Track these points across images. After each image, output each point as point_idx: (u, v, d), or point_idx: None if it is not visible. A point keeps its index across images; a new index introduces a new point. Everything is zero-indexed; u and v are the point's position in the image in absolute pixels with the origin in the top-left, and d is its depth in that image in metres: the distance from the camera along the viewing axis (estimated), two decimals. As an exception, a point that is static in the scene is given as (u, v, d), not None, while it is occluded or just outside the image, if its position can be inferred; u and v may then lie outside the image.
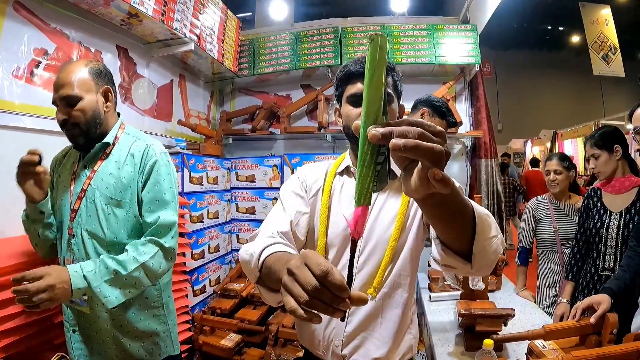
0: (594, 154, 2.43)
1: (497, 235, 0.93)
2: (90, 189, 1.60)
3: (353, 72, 1.32)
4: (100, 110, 1.62)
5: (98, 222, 1.59)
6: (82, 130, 1.59)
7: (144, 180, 1.61)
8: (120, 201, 1.59)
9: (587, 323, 1.71)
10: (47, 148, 1.99)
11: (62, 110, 1.57)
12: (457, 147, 3.97)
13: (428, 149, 0.56)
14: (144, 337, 1.69)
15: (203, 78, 4.11)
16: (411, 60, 3.67)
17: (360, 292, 0.69)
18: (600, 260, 2.35)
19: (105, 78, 1.66)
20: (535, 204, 3.06)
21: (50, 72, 2.30)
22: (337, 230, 1.35)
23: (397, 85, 1.35)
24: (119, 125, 1.70)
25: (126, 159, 1.62)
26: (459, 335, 2.03)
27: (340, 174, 1.43)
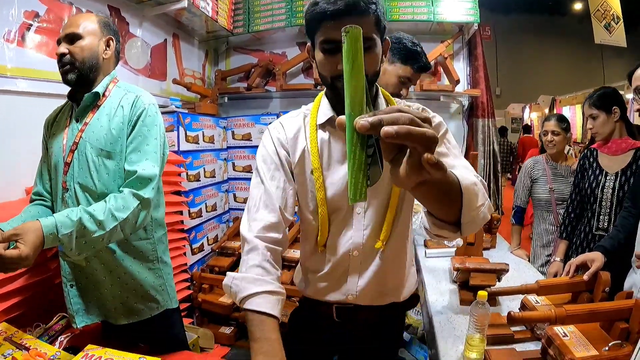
0: (592, 114, 2.43)
1: (484, 202, 0.94)
2: (82, 142, 1.58)
3: (325, 13, 1.07)
4: (99, 55, 1.63)
5: (89, 175, 1.57)
6: (76, 67, 1.59)
7: (130, 130, 1.59)
8: (110, 152, 1.57)
9: (580, 280, 1.73)
10: (41, 110, 1.98)
11: (63, 44, 1.59)
12: (454, 106, 3.96)
13: (421, 134, 0.54)
14: (141, 291, 1.70)
15: (197, 37, 4.04)
16: (409, 17, 3.60)
17: None
18: (594, 220, 2.38)
19: (111, 30, 1.69)
20: (532, 164, 3.06)
21: (41, 34, 2.26)
22: (336, 195, 1.27)
23: (380, 20, 1.13)
24: (111, 78, 1.69)
25: (116, 111, 1.60)
26: (453, 290, 2.06)
27: (322, 126, 1.28)
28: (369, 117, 0.55)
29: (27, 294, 1.76)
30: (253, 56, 4.28)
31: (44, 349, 1.40)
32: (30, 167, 2.07)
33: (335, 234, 1.31)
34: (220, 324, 3.27)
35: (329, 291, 1.37)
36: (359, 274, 1.33)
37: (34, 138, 1.99)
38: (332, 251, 1.32)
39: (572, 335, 1.39)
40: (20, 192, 2.12)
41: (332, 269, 1.34)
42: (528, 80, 14.65)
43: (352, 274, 1.33)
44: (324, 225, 1.29)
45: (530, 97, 12.92)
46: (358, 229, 1.29)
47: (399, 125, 0.53)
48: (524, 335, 1.62)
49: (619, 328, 1.36)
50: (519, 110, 13.85)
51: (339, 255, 1.31)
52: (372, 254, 1.32)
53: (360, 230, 1.29)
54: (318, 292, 1.40)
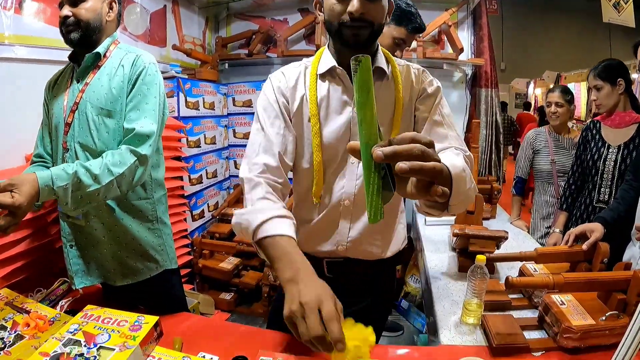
0: (597, 85, 2.39)
1: (471, 186, 0.98)
2: (83, 102, 1.58)
3: None
4: (102, 17, 1.63)
5: (89, 134, 1.57)
6: (80, 28, 1.57)
7: (130, 89, 1.58)
8: (110, 111, 1.57)
9: (578, 249, 1.73)
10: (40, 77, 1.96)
11: (67, 6, 1.57)
12: (457, 75, 3.91)
13: (431, 169, 0.61)
14: (140, 250, 1.71)
15: (197, 3, 3.98)
16: (413, -16, 3.52)
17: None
18: (595, 193, 2.38)
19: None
20: (534, 135, 3.04)
21: (39, 1, 2.23)
22: (332, 142, 1.28)
23: None
24: (112, 39, 1.68)
25: (117, 70, 1.60)
26: (452, 257, 2.08)
27: (322, 76, 1.30)
28: (385, 149, 0.61)
29: (28, 259, 1.76)
30: (254, 22, 4.21)
31: (45, 312, 1.41)
32: (30, 134, 2.05)
33: (328, 182, 1.32)
34: (220, 290, 3.30)
35: (320, 241, 1.39)
36: (350, 223, 1.36)
37: (33, 105, 1.98)
38: (325, 200, 1.34)
39: (570, 304, 1.40)
40: (20, 159, 2.12)
41: (324, 217, 1.36)
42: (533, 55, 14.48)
43: (343, 222, 1.35)
44: (319, 173, 1.30)
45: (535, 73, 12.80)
46: (351, 179, 1.31)
47: (411, 161, 0.60)
48: (522, 302, 1.64)
49: (617, 299, 1.37)
50: (524, 86, 13.74)
51: (331, 203, 1.33)
52: (363, 205, 1.31)
53: (352, 180, 1.31)
54: (309, 243, 1.41)
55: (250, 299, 3.29)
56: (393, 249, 1.46)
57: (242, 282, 3.15)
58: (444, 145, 1.19)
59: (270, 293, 3.12)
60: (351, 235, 1.36)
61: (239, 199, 3.72)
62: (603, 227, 1.81)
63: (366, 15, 1.15)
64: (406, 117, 1.32)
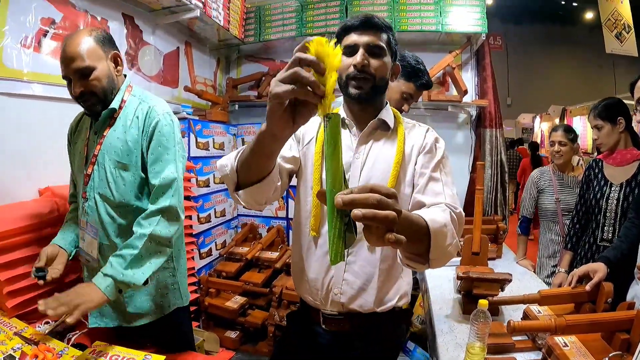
0: (597, 125, 2.43)
1: (452, 242, 1.03)
2: (101, 154, 1.64)
3: (349, 26, 1.34)
4: (113, 76, 1.65)
5: (107, 185, 1.64)
6: (99, 99, 1.61)
7: (148, 142, 1.64)
8: (126, 164, 1.63)
9: (582, 290, 1.73)
10: (55, 114, 2.05)
11: (78, 83, 1.57)
12: (462, 116, 3.97)
13: (383, 218, 0.66)
14: (153, 290, 1.74)
15: (209, 45, 4.10)
16: (417, 28, 3.64)
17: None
18: (599, 231, 2.37)
19: (110, 43, 1.66)
20: (538, 175, 3.07)
21: (57, 40, 2.32)
22: None
23: (391, 43, 1.37)
24: (125, 88, 1.71)
25: (132, 122, 1.65)
26: (457, 299, 2.08)
27: None
28: (344, 196, 0.66)
29: (39, 291, 1.79)
30: (264, 65, 4.34)
31: (53, 344, 1.44)
32: (42, 168, 2.18)
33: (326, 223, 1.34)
34: (225, 328, 3.30)
35: (316, 276, 1.40)
36: (345, 266, 1.37)
37: (48, 140, 2.11)
38: (322, 239, 1.38)
39: (573, 346, 1.41)
40: (33, 191, 2.18)
41: (322, 256, 1.39)
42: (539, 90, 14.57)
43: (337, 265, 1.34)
44: (317, 206, 1.37)
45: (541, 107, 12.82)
46: None
47: (366, 208, 0.65)
48: (525, 344, 1.63)
49: (620, 339, 1.37)
50: (530, 120, 13.77)
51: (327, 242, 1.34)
52: (360, 249, 1.37)
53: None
54: (309, 290, 1.43)
55: (256, 338, 3.28)
56: (387, 301, 1.42)
57: (247, 321, 3.16)
58: (436, 201, 1.23)
59: (276, 333, 3.12)
60: (346, 277, 1.37)
61: (246, 238, 3.75)
62: (606, 266, 1.81)
63: (368, 68, 1.29)
64: (407, 171, 1.36)
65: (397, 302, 1.42)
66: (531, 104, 14.04)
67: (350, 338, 1.44)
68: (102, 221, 1.66)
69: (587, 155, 7.53)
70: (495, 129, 3.79)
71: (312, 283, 1.42)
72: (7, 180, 2.05)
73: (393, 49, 1.38)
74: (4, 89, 2.05)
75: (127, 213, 1.66)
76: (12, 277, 1.73)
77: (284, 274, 3.43)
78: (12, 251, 1.75)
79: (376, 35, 1.32)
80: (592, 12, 12.24)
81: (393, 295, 1.42)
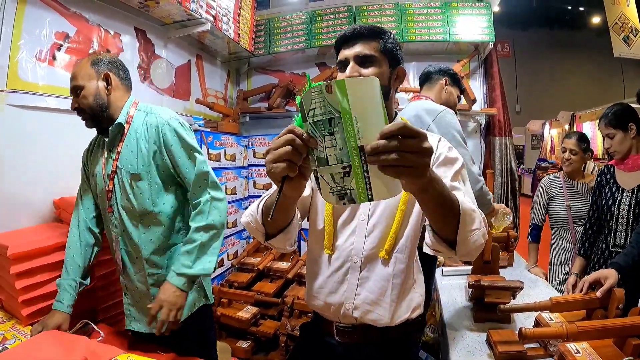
0: (609, 134, 2.41)
1: (480, 228, 1.08)
2: (118, 170, 1.76)
3: (339, 42, 1.36)
4: (102, 94, 1.76)
5: (127, 197, 1.76)
6: (87, 114, 1.77)
7: (167, 151, 1.76)
8: (141, 174, 1.75)
9: (593, 297, 1.72)
10: (69, 126, 2.11)
11: (73, 99, 1.77)
12: (472, 125, 3.99)
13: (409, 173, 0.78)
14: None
15: (220, 58, 4.16)
16: (425, 38, 3.68)
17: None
18: (611, 237, 2.37)
19: (104, 65, 1.78)
20: (549, 182, 3.07)
21: (71, 54, 2.39)
22: None
23: (387, 47, 1.33)
24: (130, 104, 1.83)
25: (141, 134, 1.76)
26: (468, 308, 2.08)
27: None
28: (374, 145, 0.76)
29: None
30: (274, 76, 4.40)
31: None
32: (58, 180, 2.23)
33: (339, 237, 1.39)
34: (237, 338, 3.30)
35: (329, 294, 1.40)
36: (358, 281, 1.36)
37: (62, 152, 2.19)
38: (335, 254, 1.39)
39: (585, 352, 1.40)
40: (48, 203, 2.25)
41: (334, 271, 1.39)
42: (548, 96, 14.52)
43: (351, 279, 1.37)
44: (330, 226, 1.38)
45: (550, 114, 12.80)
46: (360, 235, 1.36)
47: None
48: (537, 352, 1.63)
49: (632, 344, 1.37)
50: (539, 127, 13.73)
51: (341, 258, 1.38)
52: (373, 263, 1.36)
53: (362, 237, 1.35)
54: (320, 295, 1.43)
55: (268, 348, 3.28)
56: (401, 315, 1.40)
57: (259, 331, 3.16)
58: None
59: (288, 342, 3.12)
60: (359, 292, 1.36)
61: (258, 248, 3.77)
62: (617, 272, 1.79)
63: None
64: None
65: (410, 314, 1.41)
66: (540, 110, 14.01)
67: (363, 350, 1.43)
68: (127, 229, 1.79)
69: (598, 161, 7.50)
70: (504, 136, 3.80)
71: (325, 297, 1.41)
72: (22, 191, 2.11)
73: (391, 53, 1.34)
74: (20, 101, 2.11)
75: (151, 219, 1.78)
76: (27, 286, 1.79)
77: (296, 284, 3.44)
78: (27, 260, 1.81)
79: (365, 44, 1.31)
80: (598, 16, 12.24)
81: (406, 309, 1.40)
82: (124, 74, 1.86)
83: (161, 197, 1.79)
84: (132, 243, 1.79)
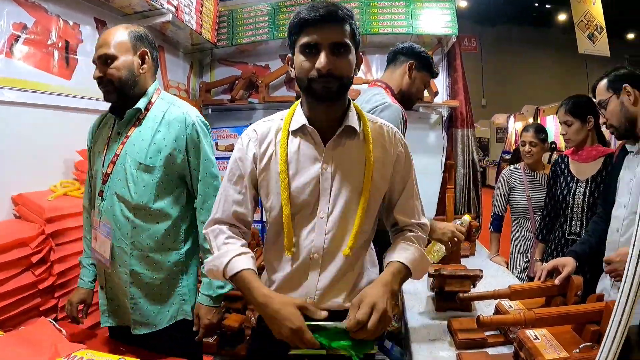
0: (567, 121, 2.47)
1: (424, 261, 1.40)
2: (123, 154, 1.65)
3: (307, 20, 1.21)
4: (135, 71, 1.67)
5: (127, 186, 1.64)
6: (115, 88, 1.63)
7: (188, 151, 1.69)
8: (149, 167, 1.64)
9: (551, 284, 1.75)
10: (28, 120, 2.02)
11: (99, 67, 1.63)
12: (434, 117, 4.02)
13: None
14: (160, 300, 1.73)
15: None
16: (388, 30, 3.68)
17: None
18: (567, 225, 2.44)
19: (144, 42, 1.71)
20: (509, 173, 3.13)
21: (29, 46, 2.29)
22: (301, 196, 1.32)
23: (355, 33, 1.27)
24: (154, 89, 1.74)
25: (160, 125, 1.66)
26: (430, 297, 2.10)
27: (294, 133, 1.35)
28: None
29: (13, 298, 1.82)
30: (237, 68, 4.33)
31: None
32: (16, 177, 2.15)
33: (299, 236, 1.34)
34: (203, 334, 3.27)
35: (290, 291, 1.37)
36: (319, 275, 1.34)
37: (21, 147, 2.09)
38: (295, 252, 1.35)
39: (544, 338, 1.42)
40: (7, 200, 2.17)
41: (294, 269, 1.36)
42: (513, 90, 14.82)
43: (312, 274, 1.35)
44: (288, 226, 1.32)
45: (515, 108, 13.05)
46: (320, 233, 1.32)
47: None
48: (498, 339, 1.66)
49: (590, 330, 1.39)
50: (504, 120, 13.97)
51: (301, 256, 1.34)
52: (332, 257, 1.34)
53: (322, 235, 1.33)
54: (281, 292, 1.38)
55: (234, 342, 3.25)
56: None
57: (224, 325, 3.12)
58: (408, 223, 1.44)
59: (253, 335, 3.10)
60: (319, 286, 1.35)
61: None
62: (575, 260, 1.83)
63: (334, 71, 1.21)
64: (378, 176, 1.35)
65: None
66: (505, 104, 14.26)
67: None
68: (117, 221, 1.66)
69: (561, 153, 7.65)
70: (466, 128, 3.84)
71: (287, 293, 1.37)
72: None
73: (357, 40, 1.29)
74: (-25, 95, 2.00)
75: (145, 215, 1.66)
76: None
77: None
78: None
79: (340, 30, 1.22)
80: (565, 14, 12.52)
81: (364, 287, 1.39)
82: (157, 55, 1.78)
83: (163, 196, 1.69)
84: (119, 235, 1.66)
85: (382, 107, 1.98)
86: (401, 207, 1.42)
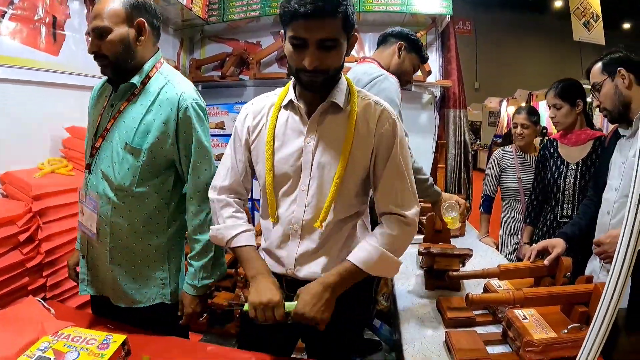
0: (556, 105, 2.47)
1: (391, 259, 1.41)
2: (112, 131, 1.57)
3: (295, 13, 1.18)
4: (131, 44, 1.54)
5: (111, 165, 1.56)
6: (110, 62, 1.52)
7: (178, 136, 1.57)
8: (135, 148, 1.53)
9: (540, 265, 1.76)
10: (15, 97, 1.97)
11: (93, 41, 1.51)
12: (426, 97, 4.00)
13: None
14: (139, 280, 1.66)
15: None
16: (382, 8, 3.63)
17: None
18: (558, 208, 2.45)
19: (142, 10, 1.56)
20: (501, 154, 3.12)
21: (16, 21, 2.21)
22: (284, 166, 1.38)
23: (348, 20, 1.23)
24: (152, 64, 1.61)
25: (152, 104, 1.55)
26: (419, 275, 2.10)
27: (285, 106, 1.42)
28: None
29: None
30: (228, 45, 4.26)
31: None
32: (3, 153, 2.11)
33: (283, 206, 1.42)
34: (193, 311, 3.27)
35: (278, 251, 1.45)
36: (298, 246, 1.41)
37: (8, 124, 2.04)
38: (280, 222, 1.43)
39: (532, 318, 1.43)
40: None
41: (279, 237, 1.44)
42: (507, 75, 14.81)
43: (292, 242, 1.42)
44: (271, 195, 1.41)
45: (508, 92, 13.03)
46: (300, 205, 1.39)
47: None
48: (486, 318, 1.67)
49: (578, 312, 1.41)
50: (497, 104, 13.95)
51: (283, 225, 1.42)
52: (310, 229, 1.39)
53: (302, 207, 1.38)
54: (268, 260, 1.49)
55: (223, 321, 3.26)
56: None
57: (214, 303, 3.13)
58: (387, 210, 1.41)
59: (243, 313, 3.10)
60: (297, 257, 1.41)
61: (211, 221, 3.70)
62: (565, 242, 1.85)
63: (320, 66, 1.23)
64: (359, 150, 1.36)
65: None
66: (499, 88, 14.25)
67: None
68: (101, 198, 1.58)
69: (552, 138, 7.68)
70: (459, 109, 3.82)
71: (271, 260, 1.48)
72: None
73: (350, 23, 1.25)
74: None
75: (125, 197, 1.57)
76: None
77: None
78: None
79: (329, 24, 1.20)
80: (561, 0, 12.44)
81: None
82: (158, 22, 1.64)
83: (148, 179, 1.58)
84: (103, 211, 1.58)
85: (382, 77, 2.07)
86: (383, 187, 1.40)
